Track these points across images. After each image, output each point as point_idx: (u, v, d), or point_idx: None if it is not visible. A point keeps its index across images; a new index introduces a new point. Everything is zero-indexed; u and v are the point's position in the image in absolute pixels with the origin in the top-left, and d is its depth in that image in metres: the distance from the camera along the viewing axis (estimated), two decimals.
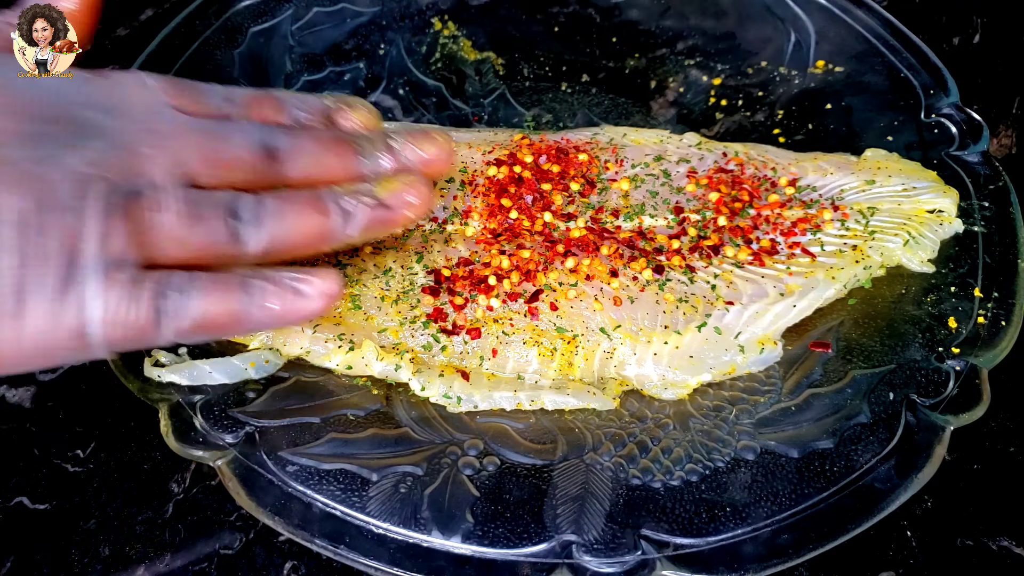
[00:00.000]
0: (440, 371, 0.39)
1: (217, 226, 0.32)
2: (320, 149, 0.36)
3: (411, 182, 0.36)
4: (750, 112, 0.52)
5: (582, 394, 0.39)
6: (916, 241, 0.43)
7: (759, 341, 0.40)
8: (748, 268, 0.42)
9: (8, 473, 0.40)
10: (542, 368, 0.40)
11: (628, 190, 0.45)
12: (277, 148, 0.35)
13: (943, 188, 0.45)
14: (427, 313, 0.40)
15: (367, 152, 0.37)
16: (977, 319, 0.41)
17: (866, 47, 0.53)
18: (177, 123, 0.33)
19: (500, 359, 0.40)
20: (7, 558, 0.38)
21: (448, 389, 0.39)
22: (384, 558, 0.34)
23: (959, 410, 0.38)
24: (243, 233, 0.32)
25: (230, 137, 0.34)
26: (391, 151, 0.37)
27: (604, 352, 0.40)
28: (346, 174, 0.36)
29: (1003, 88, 0.56)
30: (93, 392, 0.43)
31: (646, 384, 0.40)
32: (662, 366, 0.40)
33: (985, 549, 0.38)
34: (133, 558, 0.38)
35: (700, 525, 0.35)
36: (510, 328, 0.40)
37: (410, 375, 0.39)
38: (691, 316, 0.40)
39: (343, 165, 0.36)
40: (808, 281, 0.41)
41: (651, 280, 0.41)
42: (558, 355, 0.39)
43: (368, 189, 0.36)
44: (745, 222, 0.44)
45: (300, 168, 0.35)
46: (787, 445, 0.37)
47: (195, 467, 0.40)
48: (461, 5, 0.58)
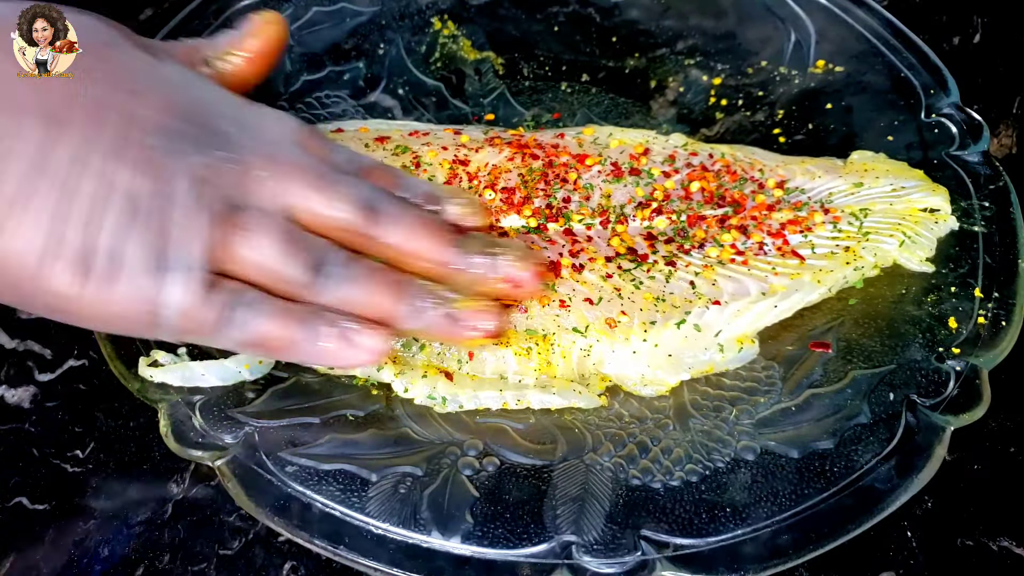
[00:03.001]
0: (423, 371, 0.39)
1: (300, 269, 0.34)
2: (419, 227, 0.36)
3: (491, 308, 0.36)
4: (750, 112, 0.52)
5: (567, 392, 0.39)
6: (912, 240, 0.43)
7: (737, 339, 0.40)
8: (730, 267, 0.42)
9: (8, 473, 0.40)
10: (522, 368, 0.40)
11: (610, 190, 0.45)
12: (379, 211, 0.36)
13: (931, 186, 0.45)
14: None
15: (464, 249, 0.37)
16: (977, 319, 0.41)
17: (866, 47, 0.53)
18: (297, 159, 0.35)
19: (477, 362, 0.39)
20: (7, 558, 0.38)
21: (432, 390, 0.38)
22: (384, 558, 0.34)
23: (959, 410, 0.38)
24: (319, 285, 0.34)
25: (339, 186, 0.35)
26: (487, 257, 0.37)
27: (581, 350, 0.40)
28: (435, 260, 0.36)
29: (1003, 88, 0.56)
30: (93, 392, 0.43)
31: (626, 382, 0.40)
32: (641, 364, 0.40)
33: (985, 549, 0.38)
34: (133, 558, 0.38)
35: (700, 525, 0.35)
36: None
37: (392, 376, 0.39)
38: (670, 314, 0.40)
39: (436, 251, 0.36)
40: (793, 283, 0.41)
41: (629, 278, 0.41)
42: (535, 354, 0.39)
43: (446, 296, 0.36)
44: (730, 222, 0.44)
45: (394, 238, 0.36)
46: (787, 445, 0.37)
47: (195, 467, 0.40)
48: (461, 5, 0.58)
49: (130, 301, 0.31)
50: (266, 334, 0.33)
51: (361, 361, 0.35)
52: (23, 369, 0.44)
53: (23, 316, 0.45)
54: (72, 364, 0.44)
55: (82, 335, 0.44)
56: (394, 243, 0.36)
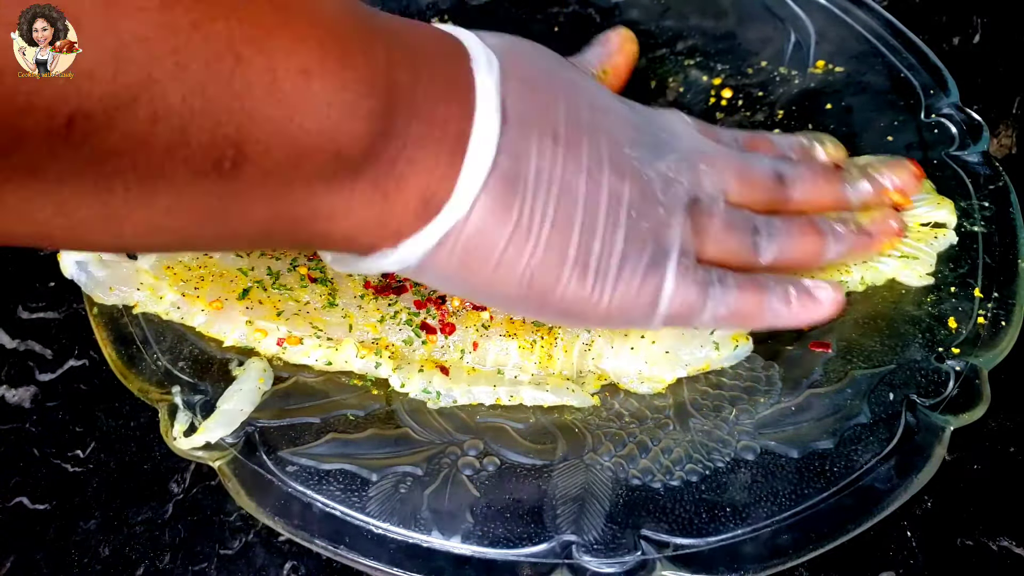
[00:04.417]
0: (420, 366, 0.39)
1: (744, 236, 0.37)
2: (815, 177, 0.41)
3: (888, 212, 0.41)
4: (750, 112, 0.52)
5: (561, 391, 0.39)
6: (912, 259, 0.42)
7: (733, 337, 0.40)
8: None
9: (8, 473, 0.40)
10: (522, 361, 0.40)
11: None
12: (784, 175, 0.40)
13: (937, 199, 0.44)
14: (407, 307, 0.40)
15: (851, 180, 0.42)
16: (977, 319, 0.41)
17: (866, 47, 0.53)
18: (717, 149, 0.40)
19: (481, 352, 0.40)
20: (7, 558, 0.38)
21: (427, 384, 0.39)
22: (384, 558, 0.34)
23: (959, 410, 0.37)
24: (760, 245, 0.38)
25: (754, 164, 0.40)
26: (871, 179, 0.42)
27: (583, 344, 0.40)
28: (834, 200, 0.41)
29: (1003, 88, 0.56)
30: (93, 392, 0.43)
31: (623, 378, 0.40)
32: (639, 360, 0.40)
33: (985, 549, 0.38)
34: (133, 558, 0.38)
35: (700, 525, 0.35)
36: (489, 321, 0.40)
37: (390, 371, 0.39)
38: None
39: (833, 191, 0.41)
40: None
41: None
42: (537, 347, 0.40)
43: (851, 217, 0.41)
44: None
45: (800, 192, 0.40)
46: (787, 445, 0.37)
47: (195, 467, 0.40)
48: (461, 5, 0.58)
49: (632, 297, 0.34)
50: (740, 305, 0.36)
51: (827, 315, 0.38)
52: (24, 369, 0.44)
53: (23, 316, 0.45)
54: (73, 364, 0.44)
55: (82, 335, 0.44)
56: (802, 198, 0.40)
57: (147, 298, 0.40)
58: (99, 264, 0.41)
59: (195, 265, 0.41)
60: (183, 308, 0.40)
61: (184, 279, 0.41)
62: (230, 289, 0.41)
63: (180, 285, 0.40)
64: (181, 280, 0.41)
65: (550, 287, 0.33)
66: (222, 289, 0.40)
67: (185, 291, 0.40)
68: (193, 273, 0.41)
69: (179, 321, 0.40)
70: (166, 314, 0.40)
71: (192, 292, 0.40)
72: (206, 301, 0.40)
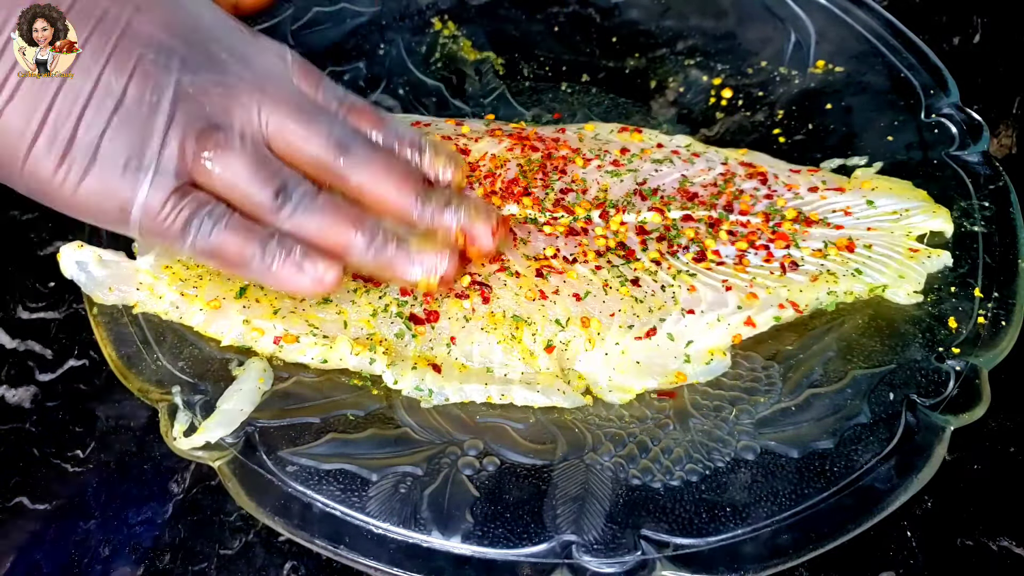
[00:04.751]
0: (413, 363, 0.39)
1: (266, 192, 0.36)
2: (386, 173, 0.38)
3: (445, 253, 0.38)
4: (750, 112, 0.52)
5: (551, 391, 0.39)
6: (903, 276, 0.42)
7: (709, 351, 0.40)
8: (711, 275, 0.42)
9: (8, 473, 0.40)
10: (507, 358, 0.40)
11: (607, 184, 0.45)
12: (349, 150, 0.38)
13: (933, 208, 0.44)
14: (395, 299, 0.40)
15: (427, 200, 0.38)
16: (977, 319, 0.41)
17: (866, 47, 0.53)
18: (282, 91, 0.37)
19: (463, 347, 0.40)
20: (7, 558, 0.38)
21: (420, 381, 0.39)
22: (384, 558, 0.34)
23: (959, 410, 0.38)
24: (282, 210, 0.36)
25: (317, 121, 0.37)
26: (446, 210, 0.39)
27: (560, 343, 0.40)
28: (397, 208, 0.38)
29: (1003, 88, 0.56)
30: (93, 392, 0.43)
31: (595, 385, 0.40)
32: (609, 367, 0.40)
33: (985, 549, 0.38)
34: (133, 558, 0.38)
35: (700, 525, 0.35)
36: (470, 313, 0.40)
37: (384, 368, 0.39)
38: (646, 319, 0.40)
39: (399, 199, 0.38)
40: (769, 297, 0.41)
41: (616, 274, 0.41)
42: (516, 344, 0.40)
43: (404, 234, 0.38)
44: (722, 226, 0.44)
45: (360, 178, 0.38)
46: (787, 445, 0.37)
47: (195, 467, 0.40)
48: (461, 5, 0.58)
49: (103, 194, 0.34)
50: (224, 246, 0.35)
51: (306, 288, 0.36)
52: (24, 369, 0.44)
53: (23, 316, 0.45)
54: (72, 364, 0.44)
55: (82, 335, 0.44)
56: (360, 183, 0.38)
57: (146, 298, 0.40)
58: (99, 264, 0.41)
59: (193, 264, 0.41)
60: (182, 307, 0.40)
61: (183, 278, 0.41)
62: (227, 288, 0.41)
63: (179, 284, 0.41)
64: (180, 279, 0.41)
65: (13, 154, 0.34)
66: (220, 288, 0.41)
67: (183, 290, 0.40)
68: (191, 272, 0.41)
69: (178, 321, 0.40)
70: (165, 314, 0.40)
71: (190, 291, 0.40)
72: (204, 300, 0.40)
